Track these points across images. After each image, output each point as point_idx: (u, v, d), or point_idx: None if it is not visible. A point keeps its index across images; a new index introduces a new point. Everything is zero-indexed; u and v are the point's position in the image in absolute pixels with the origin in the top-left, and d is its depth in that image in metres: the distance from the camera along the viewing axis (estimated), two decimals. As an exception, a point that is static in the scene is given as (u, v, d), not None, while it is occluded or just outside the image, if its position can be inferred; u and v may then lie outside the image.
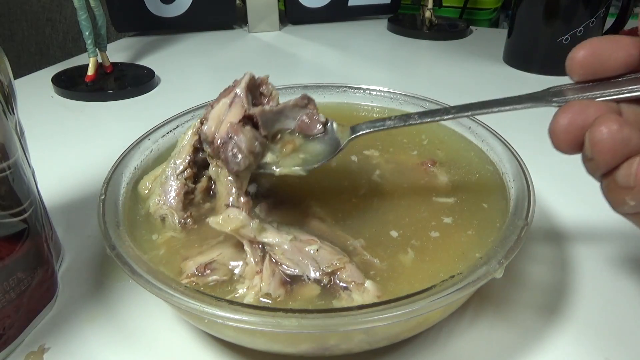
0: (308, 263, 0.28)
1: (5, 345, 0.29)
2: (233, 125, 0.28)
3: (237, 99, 0.29)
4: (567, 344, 0.30)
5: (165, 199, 0.33)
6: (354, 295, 0.27)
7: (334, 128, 0.32)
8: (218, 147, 0.28)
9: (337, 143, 0.31)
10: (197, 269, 0.28)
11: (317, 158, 0.31)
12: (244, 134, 0.28)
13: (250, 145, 0.28)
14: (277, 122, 0.30)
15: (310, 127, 0.31)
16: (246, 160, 0.28)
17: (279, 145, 0.30)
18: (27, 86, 0.70)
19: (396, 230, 0.31)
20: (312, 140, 0.31)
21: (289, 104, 0.31)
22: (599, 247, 0.38)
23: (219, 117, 0.29)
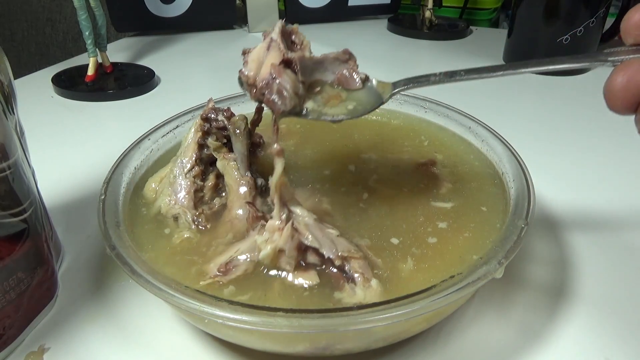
0: (327, 242, 0.28)
1: (5, 345, 0.29)
2: (275, 66, 0.27)
3: (274, 42, 0.28)
4: (567, 344, 0.30)
5: (176, 198, 0.33)
6: (358, 289, 0.27)
7: (374, 84, 0.31)
8: (261, 88, 0.27)
9: (378, 97, 0.31)
10: (219, 270, 0.28)
11: (357, 110, 0.30)
12: (288, 75, 0.27)
13: (294, 87, 0.28)
14: (315, 72, 0.30)
15: (349, 81, 0.30)
16: (292, 101, 0.27)
17: (318, 95, 0.30)
18: (27, 86, 0.70)
19: (397, 237, 0.31)
20: (353, 92, 0.31)
21: (330, 56, 0.30)
22: (599, 247, 0.38)
23: (258, 59, 0.28)
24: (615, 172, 0.49)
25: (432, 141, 0.42)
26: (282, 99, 0.27)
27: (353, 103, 0.30)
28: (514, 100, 0.67)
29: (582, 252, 0.38)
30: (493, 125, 0.40)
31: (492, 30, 1.00)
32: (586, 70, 0.74)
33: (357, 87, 0.30)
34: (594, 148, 0.53)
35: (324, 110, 0.29)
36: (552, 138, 0.56)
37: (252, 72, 0.28)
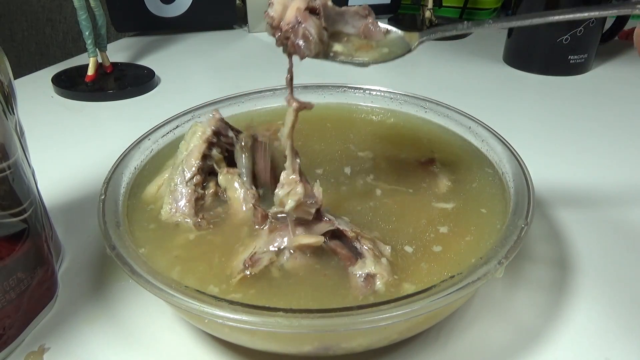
0: (341, 221, 0.30)
1: (5, 345, 0.29)
2: (301, 11, 0.27)
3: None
4: (567, 344, 0.30)
5: (177, 206, 0.33)
6: (368, 262, 0.28)
7: (399, 33, 0.31)
8: (286, 32, 0.28)
9: (406, 45, 0.31)
10: (244, 264, 0.28)
11: (390, 54, 0.31)
12: (313, 21, 0.28)
13: (319, 33, 0.28)
14: (337, 23, 0.30)
15: (374, 33, 0.31)
16: (316, 47, 0.28)
17: (348, 43, 0.30)
18: (27, 86, 0.70)
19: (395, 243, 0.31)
20: (381, 42, 0.31)
21: (350, 9, 0.30)
22: (599, 247, 0.38)
23: (283, 2, 0.28)
24: (615, 172, 0.49)
25: (432, 141, 0.42)
26: (307, 43, 0.27)
27: (385, 49, 0.30)
28: (514, 100, 0.67)
29: (582, 252, 0.38)
30: (493, 125, 0.40)
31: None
32: (586, 70, 0.74)
33: (382, 38, 0.31)
34: (594, 148, 0.53)
35: (356, 54, 0.30)
36: (552, 138, 0.56)
37: (278, 14, 0.28)
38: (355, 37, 0.30)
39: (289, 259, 0.29)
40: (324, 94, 0.47)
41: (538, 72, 0.74)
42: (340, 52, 0.30)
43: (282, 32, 0.28)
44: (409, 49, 0.31)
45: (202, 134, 0.35)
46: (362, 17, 0.31)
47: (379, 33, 0.31)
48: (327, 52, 0.29)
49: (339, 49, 0.30)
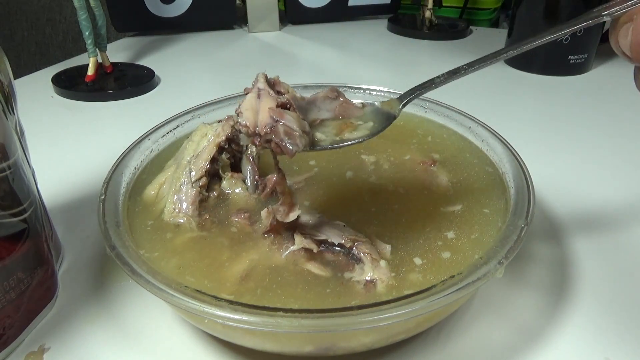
0: (333, 232, 0.30)
1: (5, 345, 0.29)
2: (274, 110, 0.26)
3: (263, 91, 0.28)
4: (567, 344, 0.30)
5: (181, 207, 0.33)
6: (367, 268, 0.28)
7: (377, 105, 0.31)
8: (266, 134, 0.26)
9: (389, 114, 0.30)
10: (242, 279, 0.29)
11: (375, 127, 0.30)
12: (290, 115, 0.27)
13: (300, 125, 0.27)
14: (310, 112, 0.29)
15: (351, 110, 0.30)
16: (302, 140, 0.26)
17: (327, 127, 0.29)
18: (27, 86, 0.70)
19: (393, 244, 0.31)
20: (361, 118, 0.30)
21: (319, 96, 0.30)
22: (599, 247, 0.38)
23: (252, 108, 0.27)
24: (615, 172, 0.49)
25: (433, 141, 0.42)
26: (292, 139, 0.26)
27: (369, 124, 0.30)
28: (514, 100, 0.67)
29: (582, 251, 0.38)
30: (493, 125, 0.40)
31: (492, 30, 1.00)
32: (586, 70, 0.74)
33: (360, 114, 0.30)
34: (594, 148, 0.53)
35: (343, 135, 0.29)
36: (552, 138, 0.56)
37: (250, 120, 0.26)
38: (333, 120, 0.30)
39: (289, 271, 0.29)
40: (324, 94, 0.47)
41: (538, 72, 0.74)
42: (325, 138, 0.29)
43: (261, 137, 0.26)
44: (393, 116, 0.30)
45: (216, 137, 0.35)
46: (332, 100, 0.30)
47: (356, 109, 0.30)
48: (315, 142, 0.28)
49: (323, 136, 0.29)
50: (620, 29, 0.24)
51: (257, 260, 0.30)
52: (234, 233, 0.32)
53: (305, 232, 0.30)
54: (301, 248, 0.29)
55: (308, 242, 0.29)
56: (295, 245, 0.29)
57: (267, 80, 0.28)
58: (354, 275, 0.28)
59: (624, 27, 0.24)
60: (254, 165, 0.36)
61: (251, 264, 0.29)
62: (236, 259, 0.30)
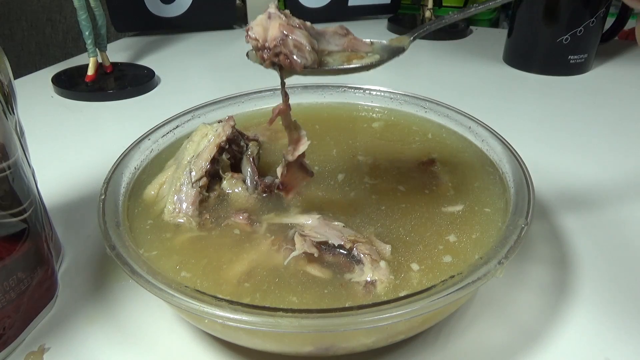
0: (333, 233, 0.30)
1: (5, 345, 0.29)
2: (285, 26, 0.26)
3: (274, 14, 0.27)
4: (567, 344, 0.30)
5: (181, 207, 0.33)
6: (366, 269, 0.28)
7: (385, 43, 0.31)
8: (275, 47, 0.26)
9: (398, 48, 0.30)
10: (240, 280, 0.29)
11: (384, 57, 0.30)
12: (300, 32, 0.26)
13: (310, 41, 0.27)
14: (319, 42, 0.29)
15: (360, 45, 0.30)
16: (312, 55, 0.26)
17: (336, 55, 0.29)
18: (27, 86, 0.70)
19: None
20: (371, 51, 0.30)
21: (328, 30, 0.30)
22: (598, 247, 0.38)
23: (262, 24, 0.27)
24: (615, 172, 0.49)
25: (432, 141, 0.42)
26: (301, 52, 0.26)
27: (377, 55, 0.30)
28: (514, 100, 0.67)
29: (582, 251, 0.38)
30: (493, 125, 0.40)
31: (492, 30, 1.00)
32: (586, 70, 0.74)
33: (369, 49, 0.30)
34: (594, 148, 0.53)
35: (351, 63, 0.29)
36: (552, 138, 0.56)
37: (260, 34, 0.26)
38: (341, 52, 0.30)
39: (288, 272, 0.29)
40: (324, 94, 0.47)
41: (538, 72, 0.74)
42: (334, 62, 0.28)
43: (270, 50, 0.26)
44: (400, 50, 0.30)
45: (216, 138, 0.35)
46: (342, 36, 0.30)
47: (365, 44, 0.30)
48: (322, 61, 0.28)
49: (331, 60, 0.28)
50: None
51: (257, 260, 0.30)
52: (234, 233, 0.32)
53: (304, 233, 0.30)
54: (302, 253, 0.29)
55: (309, 246, 0.29)
56: (297, 250, 0.29)
57: (278, 8, 0.28)
58: (353, 276, 0.28)
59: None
60: (253, 166, 0.37)
61: (251, 265, 0.29)
62: (236, 259, 0.30)
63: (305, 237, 0.30)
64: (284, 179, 0.30)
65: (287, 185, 0.30)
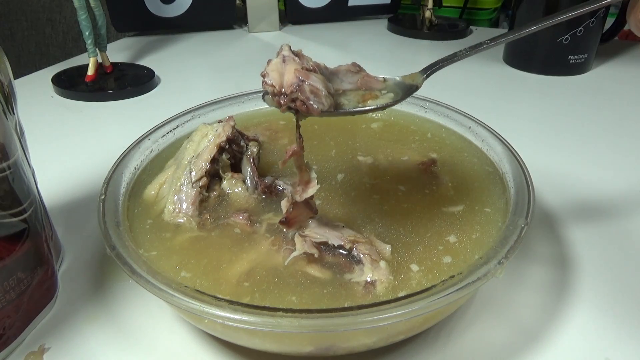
0: (333, 233, 0.30)
1: (5, 345, 0.29)
2: (301, 71, 0.27)
3: (288, 57, 0.28)
4: (567, 344, 0.30)
5: (181, 207, 0.33)
6: (366, 269, 0.28)
7: (398, 79, 0.31)
8: (292, 93, 0.26)
9: (411, 86, 0.31)
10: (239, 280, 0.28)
11: (398, 95, 0.30)
12: (316, 76, 0.27)
13: (326, 86, 0.27)
14: (333, 82, 0.29)
15: (373, 83, 0.30)
16: (328, 100, 0.27)
17: (350, 96, 0.29)
18: (27, 86, 0.70)
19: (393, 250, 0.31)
20: (385, 89, 0.31)
21: (341, 68, 0.30)
22: (599, 247, 0.38)
23: (278, 70, 0.27)
24: (615, 172, 0.49)
25: (433, 141, 0.42)
26: (318, 97, 0.26)
27: (391, 94, 0.30)
28: (514, 100, 0.67)
29: (582, 252, 0.38)
30: (493, 125, 0.40)
31: (492, 30, 1.00)
32: (586, 70, 0.74)
33: (382, 86, 0.30)
34: (594, 148, 0.53)
35: (366, 104, 0.29)
36: (552, 138, 0.56)
37: (277, 80, 0.27)
38: (355, 91, 0.30)
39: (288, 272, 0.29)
40: (324, 94, 0.47)
41: (538, 72, 0.74)
42: (349, 103, 0.29)
43: (287, 95, 0.26)
44: (415, 86, 0.30)
45: (216, 138, 0.35)
46: (354, 73, 0.30)
47: (378, 82, 0.30)
48: (339, 105, 0.28)
49: (346, 101, 0.29)
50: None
51: (257, 260, 0.30)
52: (234, 233, 0.32)
53: (304, 233, 0.30)
54: (302, 253, 0.29)
55: (309, 247, 0.29)
56: (297, 251, 0.29)
57: (291, 50, 0.28)
58: (353, 276, 0.28)
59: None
60: (253, 166, 0.37)
61: (251, 265, 0.29)
62: (236, 259, 0.30)
63: (305, 237, 0.30)
64: (289, 216, 0.30)
65: (290, 220, 0.30)
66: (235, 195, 0.35)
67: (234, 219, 0.33)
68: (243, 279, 0.28)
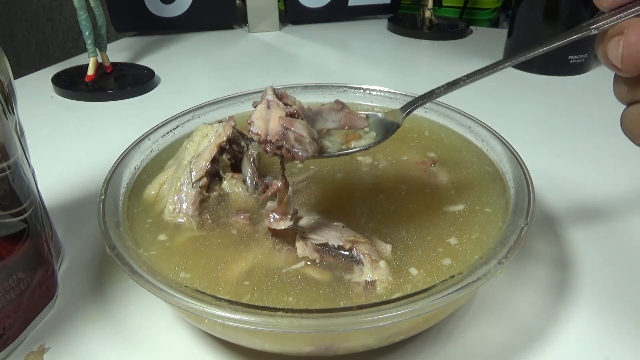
0: (333, 234, 0.30)
1: (5, 345, 0.29)
2: (284, 119, 0.28)
3: (272, 102, 0.29)
4: (567, 344, 0.30)
5: (181, 207, 0.33)
6: (366, 269, 0.28)
7: (380, 116, 0.32)
8: (277, 141, 0.28)
9: (393, 124, 0.31)
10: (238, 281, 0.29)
11: (380, 136, 0.31)
12: (300, 123, 0.28)
13: (310, 132, 0.28)
14: (317, 122, 0.31)
15: (356, 121, 0.31)
16: (312, 146, 0.28)
17: (333, 137, 0.31)
18: (27, 86, 0.70)
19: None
20: (367, 128, 0.32)
21: (324, 108, 0.31)
22: (599, 247, 0.38)
23: (262, 117, 0.28)
24: (615, 172, 0.49)
25: (432, 141, 0.42)
26: (302, 145, 0.27)
27: (373, 133, 0.31)
28: (514, 100, 0.67)
29: (582, 252, 0.38)
30: (493, 125, 0.40)
31: (492, 30, 1.00)
32: (586, 70, 0.74)
33: (364, 125, 0.32)
34: (594, 148, 0.53)
35: (349, 144, 0.30)
36: (552, 138, 0.56)
37: (262, 129, 0.28)
38: (339, 130, 0.31)
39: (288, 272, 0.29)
40: (324, 94, 0.47)
41: (538, 72, 0.74)
42: (332, 145, 0.30)
43: (272, 144, 0.28)
44: (396, 125, 0.31)
45: (217, 138, 0.35)
46: (338, 111, 0.31)
47: (361, 120, 0.32)
48: (323, 148, 0.29)
49: (330, 144, 0.30)
50: (608, 42, 0.25)
51: (257, 260, 0.30)
52: (234, 233, 0.32)
53: (305, 235, 0.30)
54: (303, 258, 0.29)
55: (310, 252, 0.29)
56: (299, 255, 0.29)
57: (275, 93, 0.30)
58: (353, 276, 0.28)
59: (614, 40, 0.24)
60: (253, 166, 0.37)
61: (251, 265, 0.29)
62: (236, 259, 0.30)
63: (306, 240, 0.30)
64: (273, 233, 0.31)
65: (278, 233, 0.31)
66: (235, 195, 0.35)
67: (235, 218, 0.33)
68: (243, 278, 0.28)
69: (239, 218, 0.33)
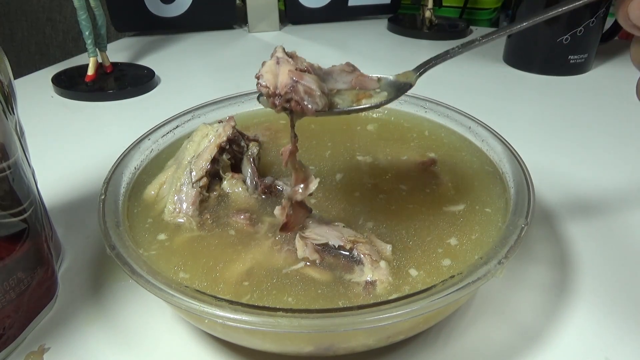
0: (333, 234, 0.30)
1: (5, 345, 0.29)
2: (294, 71, 0.27)
3: (282, 59, 0.28)
4: (567, 344, 0.30)
5: (181, 207, 0.33)
6: (366, 269, 0.28)
7: (392, 79, 0.31)
8: (286, 94, 0.27)
9: (405, 85, 0.31)
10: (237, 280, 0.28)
11: (391, 95, 0.30)
12: (310, 77, 0.27)
13: (320, 86, 0.27)
14: (327, 82, 0.30)
15: (367, 82, 0.30)
16: (322, 100, 0.27)
17: (344, 95, 0.30)
18: (27, 86, 0.70)
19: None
20: (379, 88, 0.31)
21: (335, 69, 0.30)
22: (599, 247, 0.38)
23: (272, 71, 0.27)
24: (615, 172, 0.49)
25: (432, 141, 0.42)
26: (312, 97, 0.27)
27: (384, 93, 0.30)
28: (514, 100, 0.67)
29: (582, 251, 0.38)
30: (493, 125, 0.40)
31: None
32: (586, 70, 0.74)
33: (376, 86, 0.31)
34: (594, 148, 0.53)
35: (360, 102, 0.29)
36: (552, 138, 0.56)
37: (271, 82, 0.27)
38: (350, 91, 0.30)
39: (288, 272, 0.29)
40: (324, 94, 0.47)
41: (538, 72, 0.74)
42: (343, 102, 0.29)
43: (281, 96, 0.27)
44: (409, 84, 0.30)
45: (217, 138, 0.35)
46: (349, 73, 0.30)
47: (372, 81, 0.31)
48: (333, 104, 0.28)
49: (340, 101, 0.29)
50: (630, 2, 0.24)
51: (257, 261, 0.30)
52: (234, 233, 0.32)
53: (305, 235, 0.30)
54: (304, 259, 0.29)
55: (310, 252, 0.29)
56: (299, 255, 0.29)
57: (285, 52, 0.29)
58: (353, 276, 0.28)
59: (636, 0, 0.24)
60: (253, 166, 0.37)
61: (251, 265, 0.29)
62: (236, 259, 0.30)
63: (306, 239, 0.30)
64: (289, 219, 0.30)
65: (290, 224, 0.30)
66: (235, 195, 0.35)
67: (235, 219, 0.33)
68: (242, 278, 0.28)
69: (239, 218, 0.33)
